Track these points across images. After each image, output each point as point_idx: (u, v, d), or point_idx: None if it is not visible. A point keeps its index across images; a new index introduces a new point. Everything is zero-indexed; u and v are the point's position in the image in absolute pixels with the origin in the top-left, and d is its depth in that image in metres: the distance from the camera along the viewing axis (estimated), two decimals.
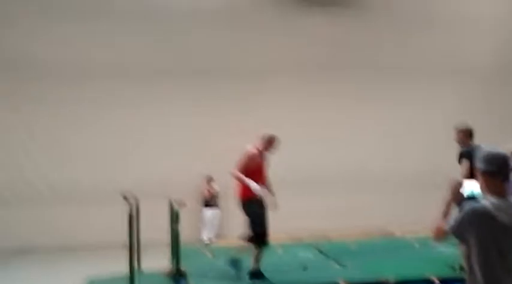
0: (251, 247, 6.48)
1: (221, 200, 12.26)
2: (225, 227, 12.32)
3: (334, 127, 12.94)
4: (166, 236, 7.48)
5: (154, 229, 8.80)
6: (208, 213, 12.21)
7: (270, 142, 6.66)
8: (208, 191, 12.29)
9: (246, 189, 6.43)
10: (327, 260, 7.79)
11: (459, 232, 3.09)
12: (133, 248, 6.56)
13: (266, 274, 6.52)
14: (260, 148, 6.64)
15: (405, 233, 10.27)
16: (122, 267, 6.74)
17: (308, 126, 12.82)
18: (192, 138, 12.49)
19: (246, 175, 6.41)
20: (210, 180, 12.29)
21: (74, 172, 12.18)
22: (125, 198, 6.20)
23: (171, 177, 11.93)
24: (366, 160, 13.00)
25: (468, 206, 3.04)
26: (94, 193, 12.05)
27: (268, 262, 6.81)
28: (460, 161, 6.42)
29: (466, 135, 6.84)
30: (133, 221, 6.41)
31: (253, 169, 6.49)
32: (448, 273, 6.37)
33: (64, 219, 11.88)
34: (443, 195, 6.07)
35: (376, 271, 6.87)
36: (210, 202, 12.26)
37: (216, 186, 12.28)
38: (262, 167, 6.65)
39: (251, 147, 6.66)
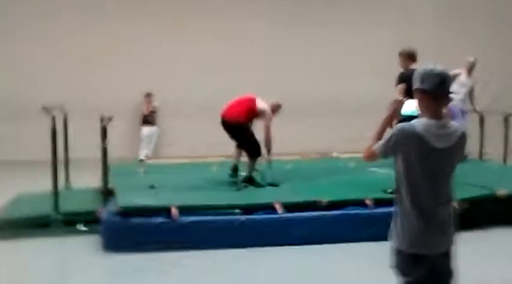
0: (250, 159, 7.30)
1: (159, 118, 11.95)
2: (161, 145, 12.07)
3: (275, 51, 12.52)
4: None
5: (92, 146, 8.38)
6: (146, 130, 11.86)
7: (277, 109, 7.67)
8: (147, 108, 11.90)
9: (246, 116, 7.30)
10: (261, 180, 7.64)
11: (387, 153, 2.91)
12: (57, 164, 6.22)
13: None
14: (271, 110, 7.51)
15: (344, 155, 10.23)
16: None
17: (247, 49, 12.38)
18: (133, 54, 11.89)
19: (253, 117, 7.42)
20: (149, 96, 11.87)
21: None
22: (46, 111, 5.76)
23: (109, 94, 11.39)
24: (310, 84, 12.66)
25: (397, 126, 2.85)
26: (28, 107, 11.40)
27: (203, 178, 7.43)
28: (396, 84, 6.28)
29: (406, 58, 6.65)
30: (56, 135, 6.02)
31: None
32: (381, 195, 6.33)
33: None
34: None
35: (310, 192, 6.78)
36: (148, 119, 11.90)
37: (155, 103, 11.90)
38: None
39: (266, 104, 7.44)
